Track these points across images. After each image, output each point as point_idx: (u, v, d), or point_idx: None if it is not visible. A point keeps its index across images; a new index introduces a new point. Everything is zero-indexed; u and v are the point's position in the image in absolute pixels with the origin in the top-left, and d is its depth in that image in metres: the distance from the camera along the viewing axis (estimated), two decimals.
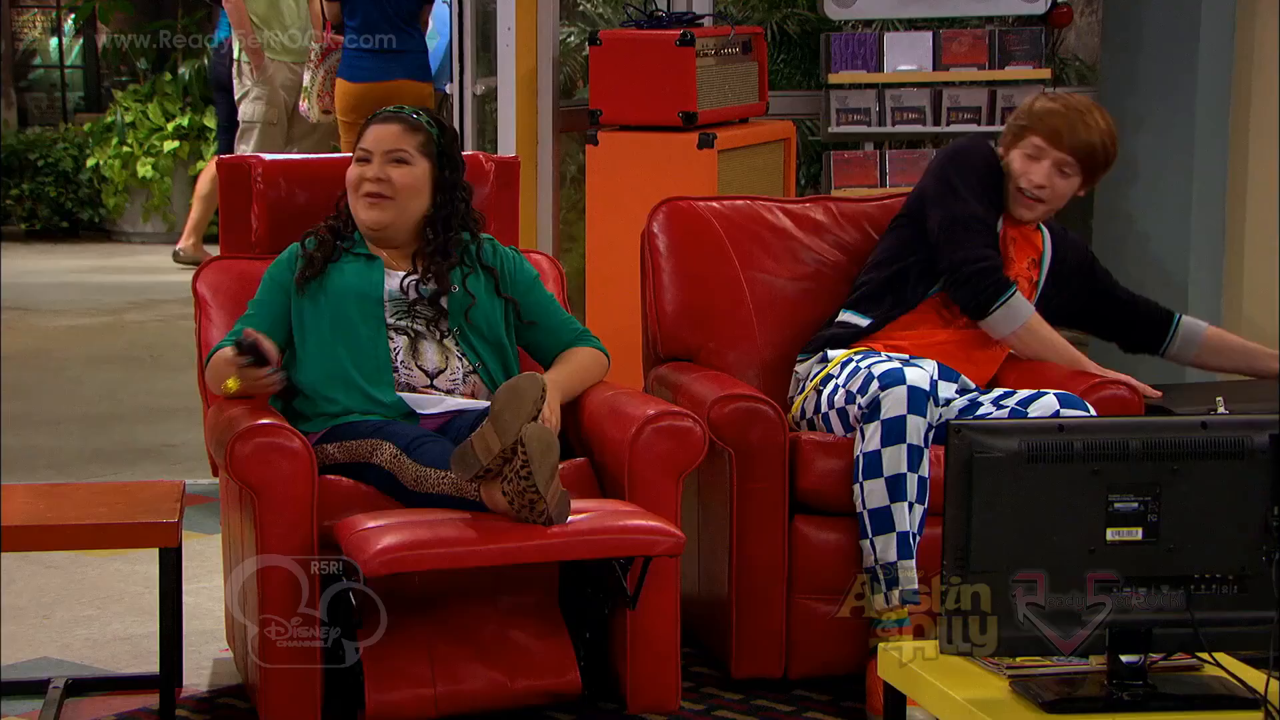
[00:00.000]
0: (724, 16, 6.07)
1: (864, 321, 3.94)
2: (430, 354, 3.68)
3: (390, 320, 3.69)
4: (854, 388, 3.69)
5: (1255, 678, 2.72)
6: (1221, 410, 3.73)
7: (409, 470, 3.44)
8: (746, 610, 3.71)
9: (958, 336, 3.93)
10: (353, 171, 3.73)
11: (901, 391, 3.56)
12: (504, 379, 3.67)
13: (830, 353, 3.90)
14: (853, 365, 3.76)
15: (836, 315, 4.02)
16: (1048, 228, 4.11)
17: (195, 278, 3.92)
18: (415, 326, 3.69)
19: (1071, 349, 3.97)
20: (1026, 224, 4.04)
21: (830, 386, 3.80)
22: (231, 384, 3.51)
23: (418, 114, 3.78)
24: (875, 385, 3.60)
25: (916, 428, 3.55)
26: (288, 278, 3.73)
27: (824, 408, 3.81)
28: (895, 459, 3.55)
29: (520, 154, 5.42)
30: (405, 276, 3.73)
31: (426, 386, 3.66)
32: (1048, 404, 3.68)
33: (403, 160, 3.71)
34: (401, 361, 3.66)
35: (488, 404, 3.58)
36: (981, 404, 3.78)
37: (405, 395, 3.64)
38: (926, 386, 3.58)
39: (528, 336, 3.83)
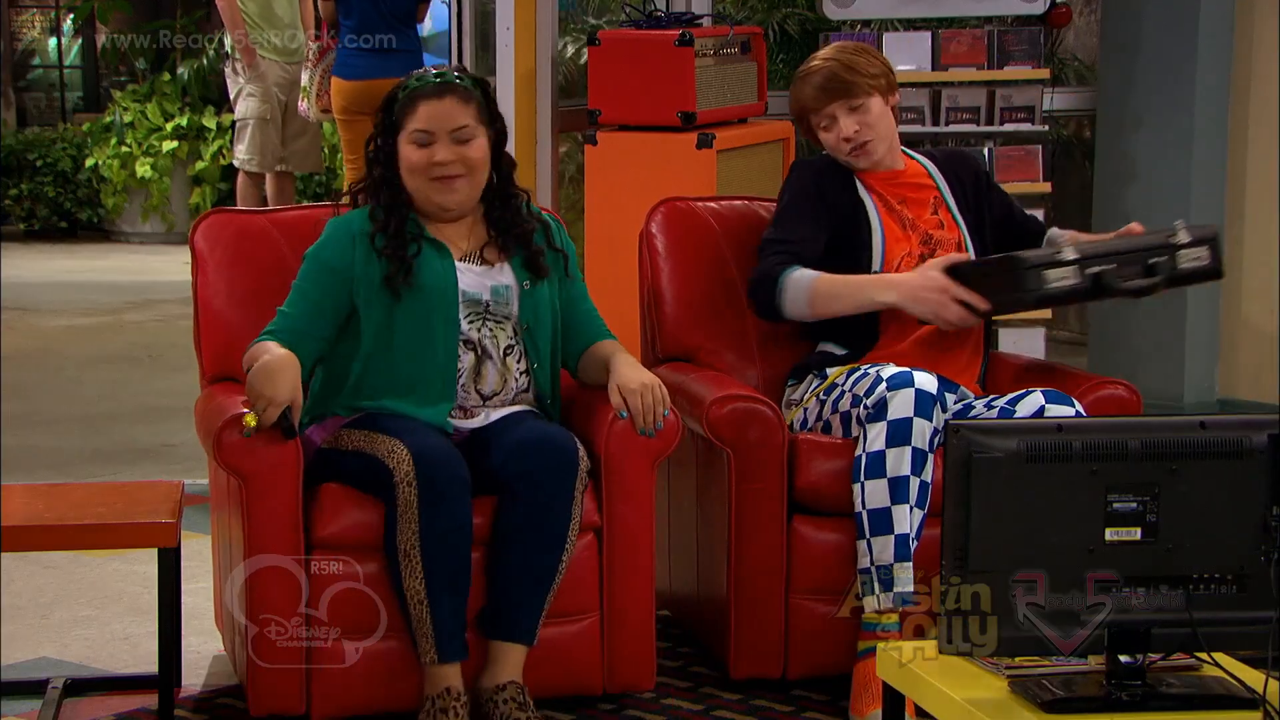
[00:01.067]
0: (723, 16, 6.07)
1: (841, 351, 3.92)
2: (491, 377, 3.61)
3: (464, 330, 3.58)
4: (860, 391, 3.68)
5: (1254, 678, 2.72)
6: (1182, 234, 3.77)
7: (409, 532, 3.37)
8: (745, 611, 3.71)
9: (921, 338, 3.90)
10: (416, 155, 3.57)
11: (909, 394, 3.56)
12: (553, 369, 3.67)
13: (828, 370, 3.87)
14: (860, 371, 3.75)
15: (818, 345, 3.98)
16: (927, 158, 4.06)
17: (193, 231, 3.85)
18: (484, 341, 3.59)
19: (864, 282, 3.84)
20: (888, 171, 3.96)
21: (836, 393, 3.79)
22: (250, 421, 3.41)
23: (460, 78, 3.63)
24: (883, 387, 3.59)
25: (922, 431, 3.55)
26: (344, 258, 3.57)
27: (826, 414, 3.80)
28: (899, 461, 3.54)
29: (519, 154, 5.42)
30: (477, 265, 3.63)
31: (477, 407, 3.63)
32: (1033, 401, 3.66)
33: (469, 136, 3.58)
34: (463, 384, 3.60)
35: (523, 409, 3.60)
36: (974, 407, 3.77)
37: (452, 419, 3.60)
38: (934, 391, 3.58)
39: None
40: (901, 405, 3.55)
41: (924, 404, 3.56)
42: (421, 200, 3.62)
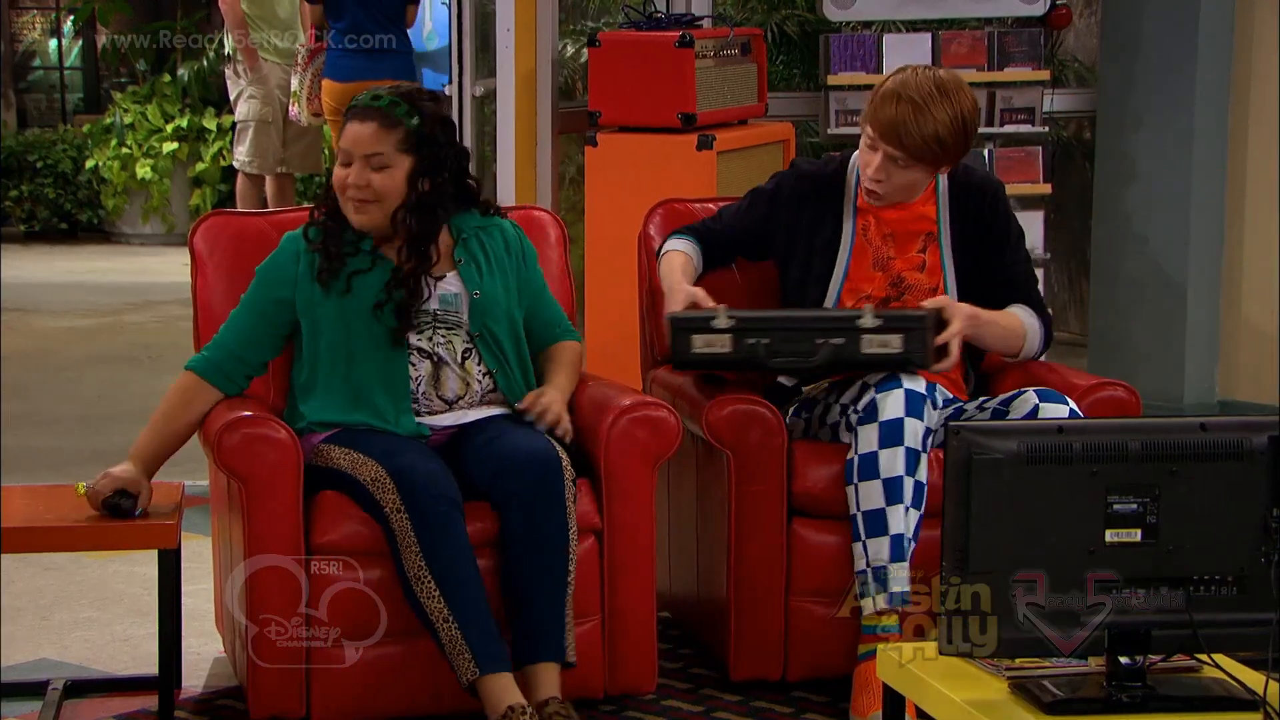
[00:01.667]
0: (723, 18, 6.07)
1: (790, 383, 3.90)
2: (452, 382, 3.63)
3: (414, 340, 3.60)
4: (847, 399, 3.68)
5: (1254, 679, 2.72)
6: (871, 319, 3.61)
7: (412, 556, 3.36)
8: (745, 613, 3.71)
9: None
10: (338, 173, 3.63)
11: (899, 394, 3.56)
12: (521, 370, 3.68)
13: (802, 388, 3.87)
14: (844, 381, 3.74)
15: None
16: (948, 185, 3.87)
17: (192, 233, 3.86)
18: (438, 349, 3.61)
19: (670, 280, 3.87)
20: (888, 205, 3.84)
21: (819, 408, 3.79)
22: (80, 488, 3.49)
23: (396, 102, 3.60)
24: (872, 391, 3.59)
25: (914, 431, 3.54)
26: (287, 275, 3.63)
27: (814, 429, 3.80)
28: (892, 461, 3.54)
29: (519, 155, 5.42)
30: (409, 274, 3.63)
31: (444, 412, 3.64)
32: (1027, 400, 3.65)
33: (382, 165, 3.57)
34: (423, 392, 3.61)
35: (497, 411, 3.61)
36: (966, 410, 3.76)
37: (424, 421, 3.61)
38: (923, 390, 3.58)
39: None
40: (892, 406, 3.55)
41: (914, 403, 3.55)
42: (346, 216, 3.65)
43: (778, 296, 3.98)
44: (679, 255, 3.93)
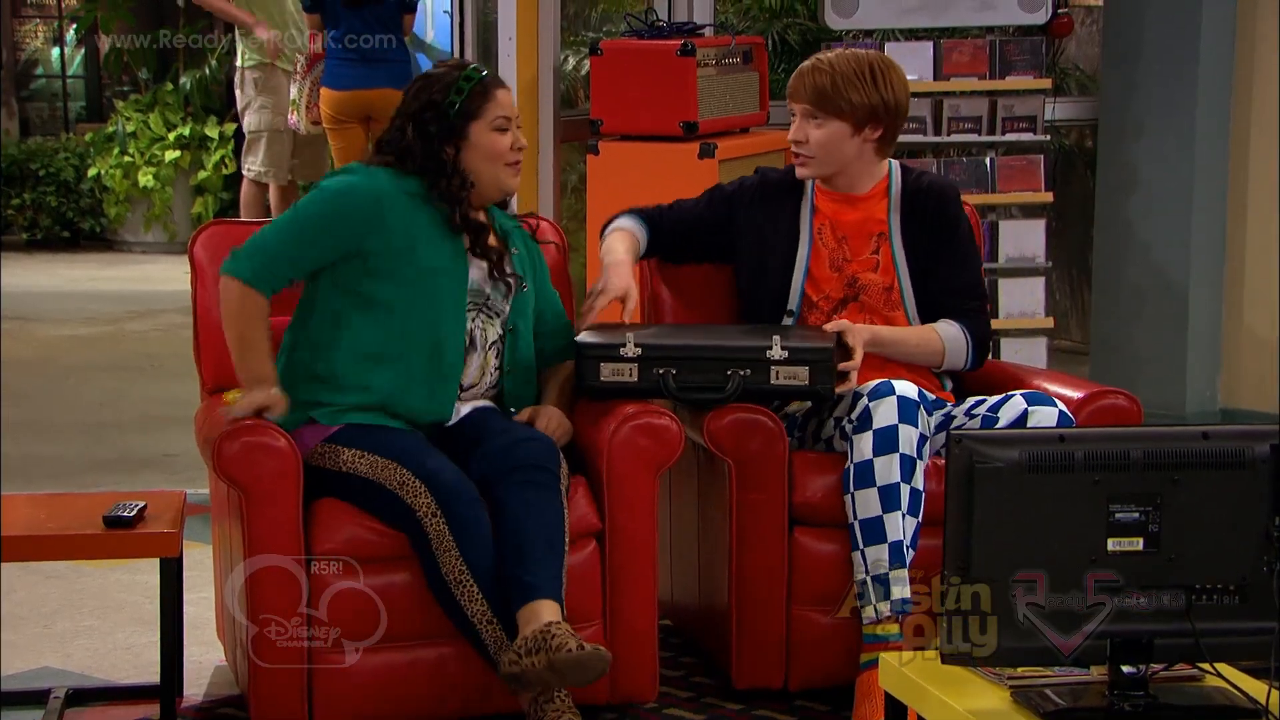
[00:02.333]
0: (725, 26, 6.07)
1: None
2: (474, 368, 3.64)
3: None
4: (840, 412, 3.68)
5: (1256, 688, 2.72)
6: (779, 350, 3.63)
7: (451, 560, 3.36)
8: (747, 621, 3.71)
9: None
10: (500, 141, 3.63)
11: (892, 401, 3.56)
12: (525, 377, 3.69)
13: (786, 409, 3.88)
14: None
15: None
16: (902, 184, 3.90)
17: (193, 242, 3.86)
18: (475, 332, 3.62)
19: (617, 244, 3.90)
20: (843, 194, 3.89)
21: (813, 424, 3.79)
22: (230, 397, 3.47)
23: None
24: (864, 399, 3.59)
25: (909, 437, 3.54)
26: (365, 215, 3.53)
27: (809, 444, 3.80)
28: (888, 468, 3.54)
29: (522, 163, 5.42)
30: (487, 258, 3.64)
31: (456, 400, 3.65)
32: (1015, 405, 3.65)
33: (520, 124, 3.72)
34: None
35: (487, 404, 3.62)
36: (954, 416, 3.75)
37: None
38: (915, 396, 3.58)
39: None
40: (886, 413, 3.55)
41: (908, 410, 3.55)
42: (488, 187, 3.65)
43: (734, 295, 4.01)
44: (625, 234, 3.95)
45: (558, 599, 3.37)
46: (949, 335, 3.86)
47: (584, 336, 3.70)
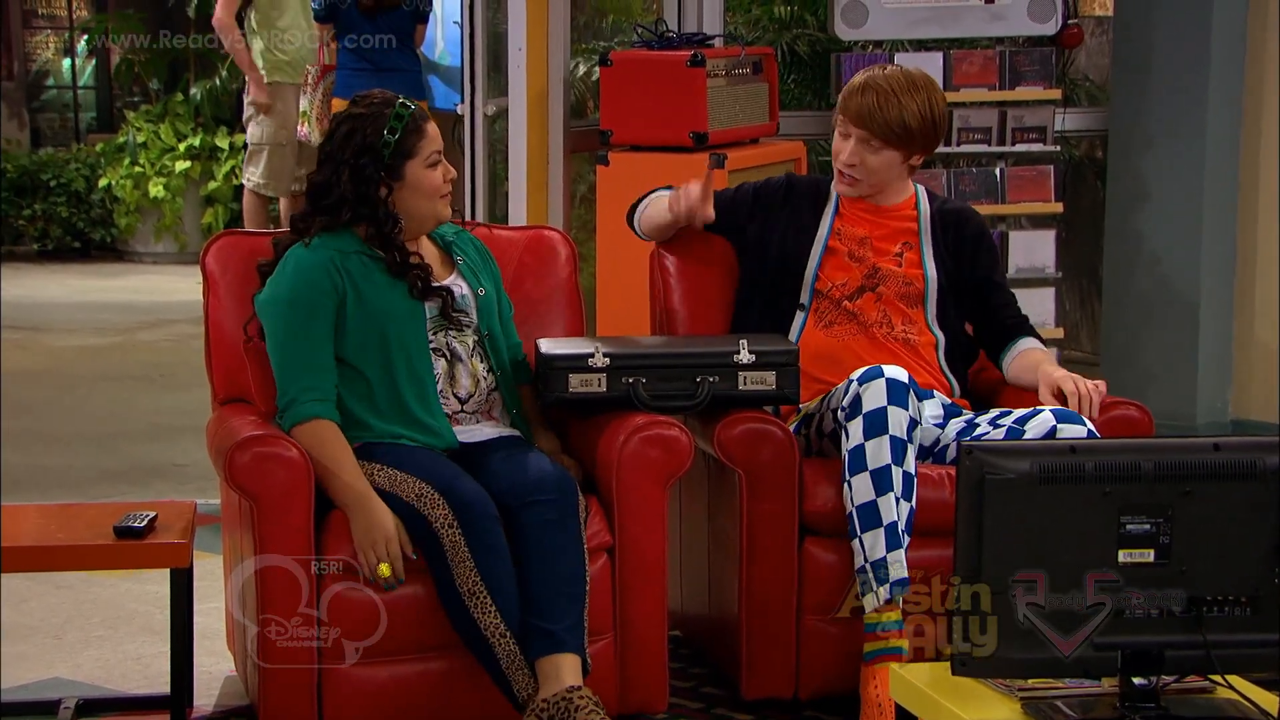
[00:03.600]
0: (734, 37, 6.08)
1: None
2: (464, 380, 3.65)
3: (430, 339, 3.62)
4: (835, 403, 3.69)
5: (1268, 700, 2.72)
6: (746, 354, 3.67)
7: (466, 571, 3.36)
8: (757, 631, 3.70)
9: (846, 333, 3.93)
10: (433, 176, 3.63)
11: (881, 384, 3.56)
12: (511, 386, 3.70)
13: (799, 406, 3.88)
14: (830, 391, 3.75)
15: None
16: (929, 203, 4.01)
17: (204, 252, 3.86)
18: (452, 344, 3.64)
19: (662, 197, 4.06)
20: (871, 204, 3.97)
21: (816, 421, 3.79)
22: (385, 570, 3.43)
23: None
24: (855, 385, 3.60)
25: (899, 420, 3.54)
26: (332, 290, 3.55)
27: (815, 445, 3.80)
28: (878, 450, 3.53)
29: (531, 174, 5.43)
30: (437, 296, 3.65)
31: (458, 413, 3.65)
32: (1044, 420, 3.65)
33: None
34: (440, 391, 3.62)
35: (510, 432, 3.64)
36: (979, 424, 3.76)
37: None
38: (904, 379, 3.58)
39: None
40: (874, 396, 3.56)
41: (897, 392, 3.56)
42: (425, 221, 3.66)
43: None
44: (665, 196, 4.07)
45: (579, 652, 3.39)
46: (1045, 349, 4.00)
47: (550, 348, 3.70)
